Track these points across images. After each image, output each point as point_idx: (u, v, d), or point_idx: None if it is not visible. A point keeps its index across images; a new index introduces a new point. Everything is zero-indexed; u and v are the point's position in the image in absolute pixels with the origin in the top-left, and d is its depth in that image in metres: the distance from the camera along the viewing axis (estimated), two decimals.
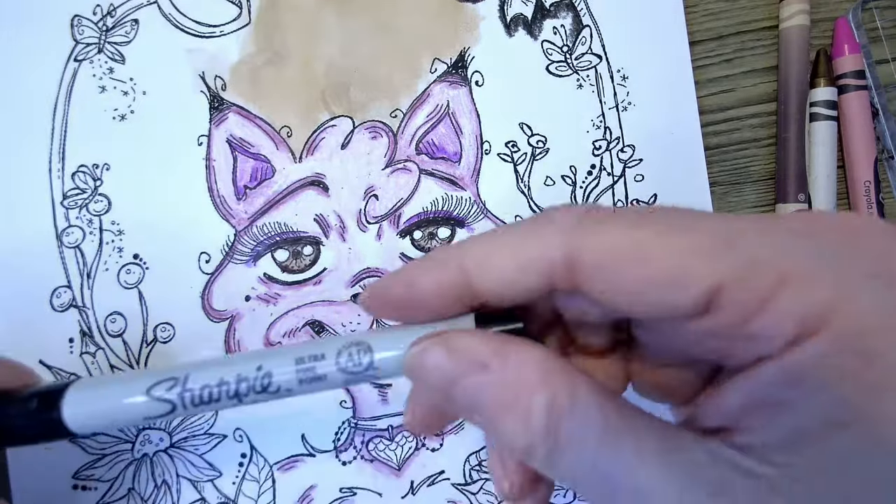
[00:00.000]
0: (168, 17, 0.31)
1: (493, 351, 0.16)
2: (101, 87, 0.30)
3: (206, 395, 0.18)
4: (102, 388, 0.20)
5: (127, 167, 0.30)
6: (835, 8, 0.32)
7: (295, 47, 0.31)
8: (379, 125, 0.31)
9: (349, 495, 0.30)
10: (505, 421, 0.16)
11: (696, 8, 0.32)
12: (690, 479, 0.15)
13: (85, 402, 0.20)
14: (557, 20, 0.31)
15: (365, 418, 0.31)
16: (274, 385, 0.19)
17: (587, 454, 0.15)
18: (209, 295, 0.30)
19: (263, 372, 0.18)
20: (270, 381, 0.19)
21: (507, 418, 0.16)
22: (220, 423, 0.30)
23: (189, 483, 0.30)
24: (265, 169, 0.31)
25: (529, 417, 0.15)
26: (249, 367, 0.19)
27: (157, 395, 0.19)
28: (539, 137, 0.31)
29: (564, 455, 0.15)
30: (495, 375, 0.16)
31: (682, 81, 0.31)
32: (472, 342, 0.17)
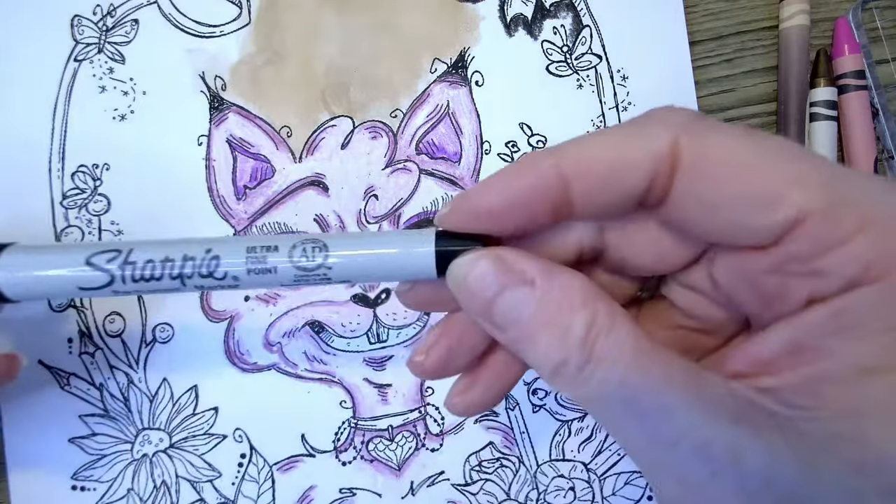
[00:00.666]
0: (168, 17, 0.31)
1: (539, 269, 0.17)
2: (101, 87, 0.30)
3: (147, 272, 0.18)
4: (40, 253, 0.19)
5: (127, 167, 0.30)
6: (835, 8, 0.32)
7: (295, 47, 0.31)
8: (379, 125, 0.31)
9: (349, 496, 0.30)
10: (541, 336, 0.16)
11: (696, 8, 0.32)
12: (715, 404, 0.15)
13: (20, 264, 0.19)
14: (557, 20, 0.31)
15: (365, 418, 0.31)
16: (220, 271, 0.18)
17: (617, 371, 0.16)
18: (208, 295, 0.30)
19: (212, 255, 0.18)
20: (218, 266, 0.18)
21: (545, 334, 0.16)
22: (219, 424, 0.30)
23: (188, 483, 0.30)
24: (265, 169, 0.31)
25: (568, 333, 0.16)
26: (198, 248, 0.18)
27: (97, 263, 0.18)
28: (539, 137, 0.31)
29: (596, 371, 0.16)
30: (540, 292, 0.16)
31: (682, 81, 0.31)
32: (521, 258, 0.17)
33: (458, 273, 0.18)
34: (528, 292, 0.17)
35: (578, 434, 0.31)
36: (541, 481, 0.31)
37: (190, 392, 0.30)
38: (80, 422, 0.30)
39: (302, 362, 0.30)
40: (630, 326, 0.16)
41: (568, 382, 0.16)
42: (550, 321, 0.16)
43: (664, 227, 0.18)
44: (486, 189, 0.18)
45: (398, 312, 0.31)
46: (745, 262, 0.17)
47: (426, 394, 0.31)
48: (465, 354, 0.20)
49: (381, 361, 0.31)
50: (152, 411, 0.30)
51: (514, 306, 0.17)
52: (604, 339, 0.16)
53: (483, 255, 0.17)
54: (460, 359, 0.20)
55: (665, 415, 0.15)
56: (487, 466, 0.31)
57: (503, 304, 0.17)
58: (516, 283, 0.17)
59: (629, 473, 0.31)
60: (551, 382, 0.17)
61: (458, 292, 0.18)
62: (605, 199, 0.17)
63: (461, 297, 0.18)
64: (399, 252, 0.18)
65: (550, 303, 0.16)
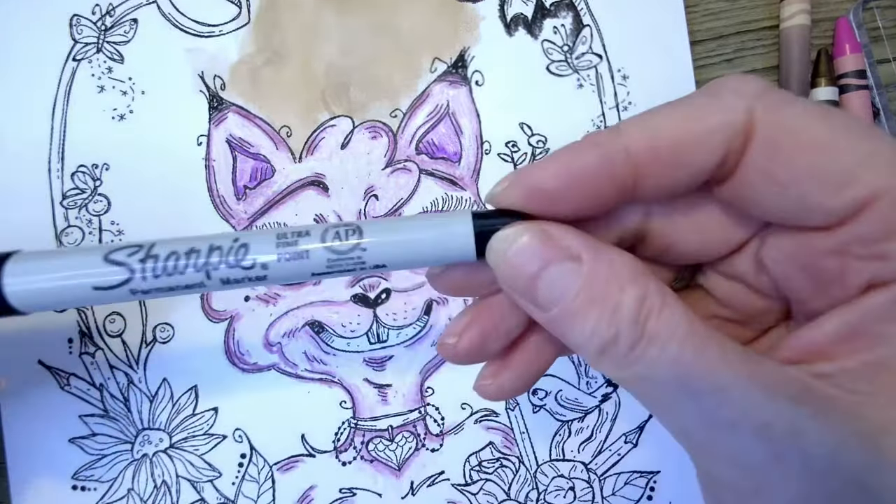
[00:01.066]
0: (167, 16, 0.31)
1: (586, 245, 0.16)
2: (100, 87, 0.30)
3: (171, 264, 0.16)
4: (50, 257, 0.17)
5: (126, 167, 0.30)
6: (836, 8, 0.32)
7: (294, 47, 0.31)
8: (379, 125, 0.31)
9: (349, 496, 0.30)
10: (588, 313, 0.16)
11: (696, 8, 0.32)
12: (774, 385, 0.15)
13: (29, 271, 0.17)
14: (558, 20, 0.31)
15: (365, 418, 0.31)
16: (249, 259, 0.16)
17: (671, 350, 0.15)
18: (208, 295, 0.30)
19: (240, 243, 0.16)
20: (246, 254, 0.16)
21: (592, 310, 0.15)
22: (219, 424, 0.30)
23: (188, 483, 0.30)
24: (265, 169, 0.31)
25: (618, 309, 0.15)
26: (225, 238, 0.17)
27: (116, 258, 0.16)
28: (539, 137, 0.31)
29: (648, 349, 0.15)
30: (587, 267, 0.16)
31: (683, 81, 0.31)
32: (567, 233, 0.16)
33: (499, 247, 0.17)
34: (575, 268, 0.16)
35: (578, 434, 0.31)
36: (541, 481, 0.31)
37: (190, 392, 0.30)
38: (81, 422, 0.30)
39: (302, 362, 0.30)
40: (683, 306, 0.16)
41: (616, 362, 0.16)
42: (598, 298, 0.15)
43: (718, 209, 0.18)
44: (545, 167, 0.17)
45: (398, 312, 0.31)
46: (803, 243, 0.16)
47: (426, 394, 0.31)
48: (499, 339, 0.19)
49: (381, 361, 0.31)
50: (152, 411, 0.30)
51: (559, 282, 0.16)
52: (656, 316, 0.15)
53: (527, 229, 0.17)
54: (494, 344, 0.19)
55: (722, 395, 0.15)
56: (487, 466, 0.31)
57: (547, 280, 0.16)
58: (562, 258, 0.16)
59: (629, 473, 0.31)
60: (596, 362, 0.16)
61: (499, 268, 0.17)
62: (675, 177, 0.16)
63: (502, 274, 0.17)
64: (436, 232, 0.17)
65: (598, 279, 0.16)
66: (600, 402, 0.31)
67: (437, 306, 0.31)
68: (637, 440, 0.31)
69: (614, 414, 0.31)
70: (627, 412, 0.31)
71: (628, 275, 0.16)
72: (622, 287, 0.15)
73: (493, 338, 0.19)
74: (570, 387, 0.31)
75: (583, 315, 0.16)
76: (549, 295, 0.16)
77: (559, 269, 0.16)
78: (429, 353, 0.31)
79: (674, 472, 0.31)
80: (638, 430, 0.31)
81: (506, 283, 0.17)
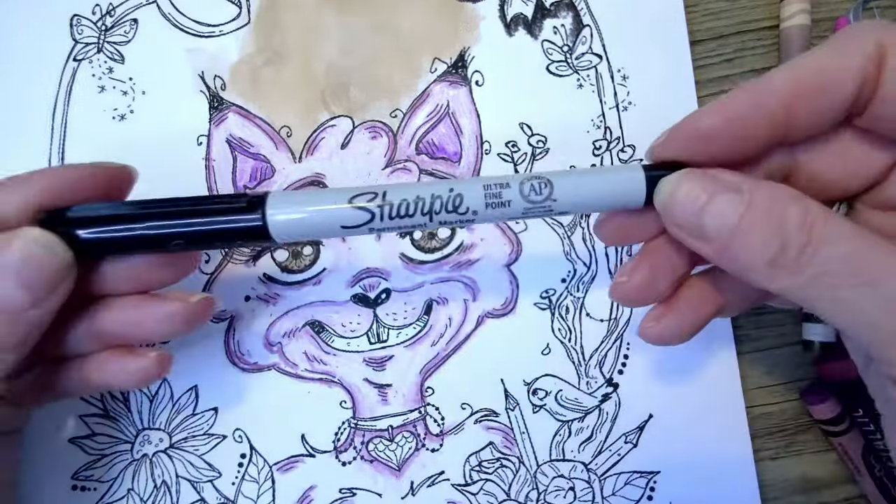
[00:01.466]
0: (167, 16, 0.31)
1: (745, 179, 0.18)
2: (101, 87, 0.30)
3: (402, 208, 0.20)
4: (305, 196, 0.21)
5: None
6: (835, 8, 0.32)
7: (295, 47, 0.31)
8: (379, 125, 0.31)
9: (349, 496, 0.30)
10: (755, 230, 0.17)
11: (696, 8, 0.32)
12: None
13: (288, 206, 0.20)
14: (558, 20, 0.31)
15: (365, 418, 0.31)
16: (464, 206, 0.20)
17: (841, 247, 0.16)
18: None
19: (455, 193, 0.20)
20: (462, 202, 0.20)
21: (758, 227, 0.17)
22: (219, 424, 0.30)
23: (188, 483, 0.30)
24: (265, 169, 0.31)
25: (784, 222, 0.17)
26: (442, 188, 0.20)
27: (359, 204, 0.20)
28: (539, 137, 0.31)
29: (819, 250, 0.17)
30: (748, 195, 0.18)
31: (683, 81, 0.31)
32: (726, 173, 0.19)
33: (667, 189, 0.19)
34: (737, 197, 0.18)
35: (578, 434, 0.31)
36: (541, 481, 0.31)
37: (190, 392, 0.30)
38: (81, 422, 0.30)
39: (302, 362, 0.30)
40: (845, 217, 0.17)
41: (789, 268, 0.17)
42: (763, 216, 0.17)
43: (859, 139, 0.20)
44: (701, 114, 0.19)
45: (398, 312, 0.31)
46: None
47: (426, 394, 0.31)
48: (666, 278, 0.21)
49: (381, 361, 0.31)
50: (152, 411, 0.30)
51: (725, 211, 0.18)
52: (822, 223, 0.17)
53: (690, 171, 0.19)
54: (661, 282, 0.21)
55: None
56: (487, 466, 0.31)
57: (713, 210, 0.18)
58: (724, 190, 0.18)
59: (629, 473, 0.31)
60: (769, 278, 0.18)
61: (668, 209, 0.19)
62: (821, 108, 0.18)
63: (671, 213, 0.19)
64: (613, 183, 0.20)
65: (761, 202, 0.17)
66: (600, 402, 0.31)
67: (437, 306, 0.31)
68: (637, 440, 0.31)
69: (614, 414, 0.31)
70: (627, 412, 0.31)
71: (789, 195, 0.17)
72: (784, 205, 0.17)
73: (661, 275, 0.21)
74: (570, 387, 0.31)
75: (749, 234, 0.17)
76: (717, 223, 0.18)
77: (723, 198, 0.18)
78: (429, 353, 0.31)
79: (674, 472, 0.31)
80: (638, 430, 0.31)
81: (675, 221, 0.19)
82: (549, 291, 0.31)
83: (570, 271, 0.31)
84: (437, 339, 0.31)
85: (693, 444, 0.31)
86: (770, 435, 0.32)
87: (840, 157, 0.20)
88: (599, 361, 0.31)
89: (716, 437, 0.31)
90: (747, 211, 0.17)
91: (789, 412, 0.32)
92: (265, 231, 0.20)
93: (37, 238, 0.20)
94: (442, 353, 0.31)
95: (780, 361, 0.32)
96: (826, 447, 0.32)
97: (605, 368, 0.31)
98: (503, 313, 0.31)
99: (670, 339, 0.22)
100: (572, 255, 0.31)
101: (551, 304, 0.31)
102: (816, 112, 0.19)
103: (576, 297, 0.31)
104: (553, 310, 0.31)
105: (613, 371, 0.31)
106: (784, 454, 0.32)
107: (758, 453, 0.31)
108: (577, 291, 0.31)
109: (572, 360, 0.31)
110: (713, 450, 0.31)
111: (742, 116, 0.18)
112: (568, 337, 0.31)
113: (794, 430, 0.32)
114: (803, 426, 0.32)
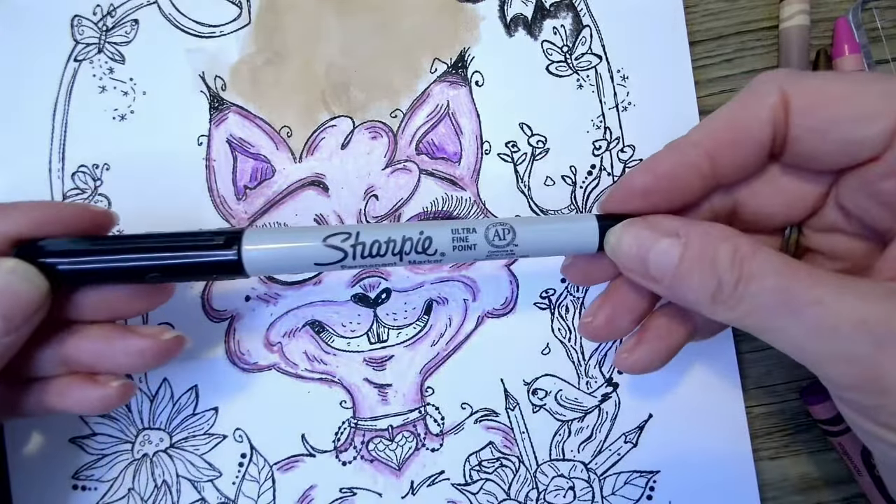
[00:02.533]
0: (168, 17, 0.31)
1: (681, 223, 0.20)
2: (101, 88, 0.30)
3: (374, 248, 0.21)
4: (280, 234, 0.22)
5: (127, 167, 0.30)
6: (835, 8, 0.32)
7: (295, 47, 0.31)
8: (379, 125, 0.31)
9: (349, 495, 0.30)
10: (692, 272, 0.19)
11: (696, 8, 0.32)
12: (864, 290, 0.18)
13: (264, 243, 0.21)
14: (557, 20, 0.31)
15: (365, 418, 0.31)
16: (432, 248, 0.21)
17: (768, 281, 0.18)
18: (209, 295, 0.30)
19: (425, 236, 0.21)
20: (430, 244, 0.21)
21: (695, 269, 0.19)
22: (220, 424, 0.30)
23: (189, 483, 0.30)
24: (265, 169, 0.31)
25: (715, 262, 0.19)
26: (413, 230, 0.21)
27: (332, 243, 0.21)
28: (539, 137, 0.31)
29: (749, 285, 0.18)
30: (685, 238, 0.20)
31: (682, 81, 0.31)
32: (665, 219, 0.21)
33: (613, 239, 0.21)
34: (675, 241, 0.20)
35: (578, 434, 0.31)
36: (541, 481, 0.31)
37: (190, 392, 0.30)
38: (81, 422, 0.30)
39: (302, 362, 0.30)
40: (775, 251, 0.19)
41: (726, 305, 0.19)
42: (697, 258, 0.19)
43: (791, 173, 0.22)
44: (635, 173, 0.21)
45: (398, 312, 0.31)
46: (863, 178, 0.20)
47: (426, 394, 0.31)
48: (628, 315, 0.23)
49: (381, 361, 0.31)
50: (152, 411, 0.30)
51: (665, 255, 0.20)
52: (749, 260, 0.18)
53: (633, 222, 0.21)
54: (623, 319, 0.23)
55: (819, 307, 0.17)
56: (487, 466, 0.31)
57: (655, 257, 0.20)
58: (662, 236, 0.20)
59: (629, 473, 0.31)
60: (712, 311, 0.19)
61: (616, 255, 0.21)
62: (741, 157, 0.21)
63: (619, 260, 0.21)
64: (570, 232, 0.22)
65: (694, 245, 0.19)
66: (600, 402, 0.31)
67: (437, 306, 0.31)
68: (637, 440, 0.31)
69: (614, 414, 0.31)
70: (627, 412, 0.31)
71: (720, 235, 0.19)
72: (716, 246, 0.19)
73: (623, 313, 0.23)
74: (570, 387, 0.31)
75: (688, 275, 0.19)
76: (659, 268, 0.20)
77: (662, 245, 0.20)
78: (429, 352, 0.31)
79: (674, 472, 0.31)
80: (638, 430, 0.31)
81: (624, 267, 0.21)
82: (548, 291, 0.31)
83: None
84: (437, 339, 0.31)
85: (693, 444, 0.31)
86: (769, 435, 0.32)
87: (776, 191, 0.22)
88: (599, 361, 0.31)
89: (715, 436, 0.31)
90: (685, 253, 0.19)
91: (789, 412, 0.32)
92: (240, 266, 0.21)
93: (13, 268, 0.20)
94: (442, 353, 0.31)
95: (779, 361, 0.32)
96: (825, 447, 0.32)
97: (604, 368, 0.31)
98: (503, 313, 0.31)
99: (643, 368, 0.23)
100: None
101: (551, 303, 0.31)
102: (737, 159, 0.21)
103: (575, 296, 0.31)
104: (553, 310, 0.31)
105: (613, 371, 0.31)
106: (783, 454, 0.32)
107: (757, 453, 0.31)
108: (577, 291, 0.31)
109: (572, 360, 0.31)
110: (713, 449, 0.31)
111: (669, 173, 0.21)
112: (568, 337, 0.31)
113: (794, 430, 0.32)
114: (803, 426, 0.32)
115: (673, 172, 0.21)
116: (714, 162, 0.21)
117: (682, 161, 0.21)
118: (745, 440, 0.31)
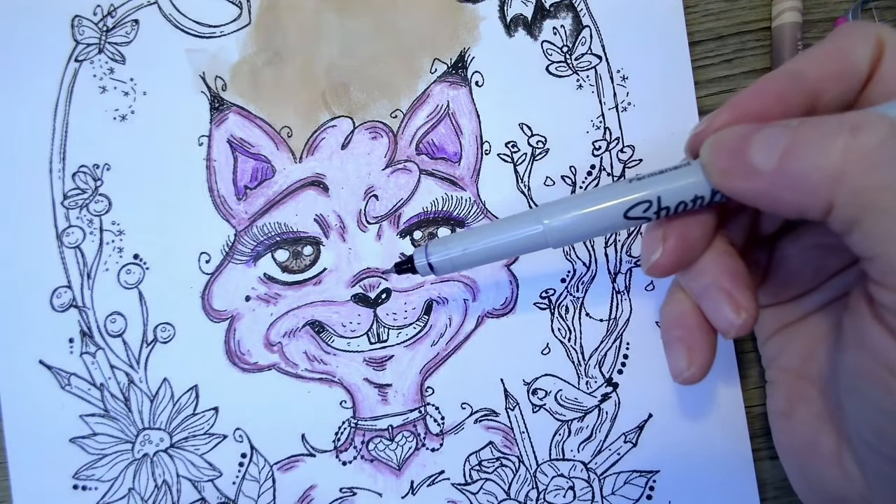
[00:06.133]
0: (168, 17, 0.31)
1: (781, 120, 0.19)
2: (102, 88, 0.30)
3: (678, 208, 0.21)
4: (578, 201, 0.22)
5: (127, 167, 0.30)
6: (834, 8, 0.32)
7: (295, 47, 0.31)
8: (379, 125, 0.31)
9: (349, 495, 0.30)
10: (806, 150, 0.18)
11: (696, 8, 0.32)
12: None
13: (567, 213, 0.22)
14: (557, 20, 0.31)
15: (365, 418, 0.31)
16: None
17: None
18: (209, 295, 0.30)
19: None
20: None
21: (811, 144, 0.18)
22: (220, 424, 0.30)
23: (189, 483, 0.30)
24: (265, 169, 0.31)
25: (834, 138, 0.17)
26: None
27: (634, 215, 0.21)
28: (539, 138, 0.31)
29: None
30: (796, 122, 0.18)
31: (682, 81, 0.31)
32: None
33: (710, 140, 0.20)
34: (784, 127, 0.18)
35: (578, 434, 0.31)
36: (540, 481, 0.31)
37: (190, 392, 0.30)
38: (81, 422, 0.30)
39: (302, 362, 0.31)
40: None
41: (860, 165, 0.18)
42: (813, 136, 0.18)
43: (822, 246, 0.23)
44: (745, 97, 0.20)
45: (398, 312, 0.31)
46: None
47: (426, 394, 0.31)
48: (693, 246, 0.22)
49: (381, 361, 0.31)
50: (153, 411, 0.30)
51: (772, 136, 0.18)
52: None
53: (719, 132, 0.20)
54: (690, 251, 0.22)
55: None
56: (487, 466, 0.31)
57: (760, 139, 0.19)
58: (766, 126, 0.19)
59: (629, 473, 0.31)
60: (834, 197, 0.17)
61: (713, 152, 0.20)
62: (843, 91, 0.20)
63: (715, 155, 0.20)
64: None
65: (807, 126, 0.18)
66: (600, 402, 0.31)
67: (436, 306, 0.31)
68: (637, 440, 0.31)
69: (614, 414, 0.31)
70: (627, 412, 0.31)
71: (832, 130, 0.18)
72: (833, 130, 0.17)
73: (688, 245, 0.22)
74: (570, 387, 0.31)
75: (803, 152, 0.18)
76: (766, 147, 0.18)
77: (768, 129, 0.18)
78: (429, 352, 0.31)
79: (673, 472, 0.31)
80: (638, 429, 0.31)
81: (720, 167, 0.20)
82: (548, 291, 0.31)
83: (570, 271, 0.31)
84: (437, 339, 0.31)
85: (692, 444, 0.31)
86: (769, 434, 0.32)
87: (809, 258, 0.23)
88: (599, 361, 0.31)
89: (715, 436, 0.31)
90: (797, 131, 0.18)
91: None
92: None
93: None
94: (442, 353, 0.31)
95: None
96: None
97: (604, 368, 0.31)
98: (503, 313, 0.31)
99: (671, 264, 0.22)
100: (572, 255, 0.31)
101: (551, 303, 0.31)
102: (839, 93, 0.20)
103: (575, 296, 0.31)
104: (553, 310, 0.31)
105: (613, 371, 0.31)
106: None
107: (757, 452, 0.31)
108: (577, 291, 0.31)
109: (572, 360, 0.31)
110: (712, 449, 0.31)
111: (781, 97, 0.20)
112: (568, 337, 0.31)
113: None
114: None
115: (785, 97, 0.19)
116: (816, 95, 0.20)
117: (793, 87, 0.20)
118: (745, 440, 0.31)
